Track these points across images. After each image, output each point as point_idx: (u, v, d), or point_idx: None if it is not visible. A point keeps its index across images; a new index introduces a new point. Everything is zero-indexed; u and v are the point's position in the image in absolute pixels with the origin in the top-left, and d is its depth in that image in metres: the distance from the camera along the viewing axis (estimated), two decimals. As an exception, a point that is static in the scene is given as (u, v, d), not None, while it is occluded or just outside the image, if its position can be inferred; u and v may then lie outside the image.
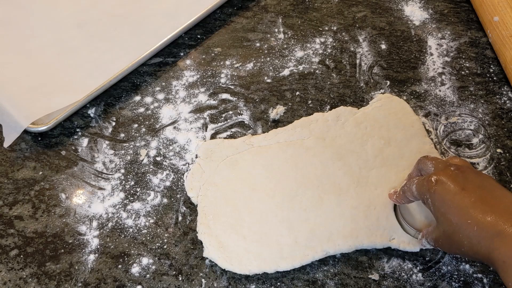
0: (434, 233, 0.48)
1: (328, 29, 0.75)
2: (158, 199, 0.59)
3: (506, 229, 0.40)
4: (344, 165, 0.58)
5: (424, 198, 0.47)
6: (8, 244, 0.56)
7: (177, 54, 0.72)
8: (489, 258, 0.41)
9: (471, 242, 0.42)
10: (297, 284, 0.53)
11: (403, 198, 0.51)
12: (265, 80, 0.69)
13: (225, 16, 0.77)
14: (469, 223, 0.42)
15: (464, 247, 0.43)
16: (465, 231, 0.43)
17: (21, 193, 0.59)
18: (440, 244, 0.47)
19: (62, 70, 0.68)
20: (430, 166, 0.49)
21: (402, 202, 0.53)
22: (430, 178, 0.46)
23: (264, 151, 0.60)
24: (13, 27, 0.73)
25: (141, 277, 0.53)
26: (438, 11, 0.77)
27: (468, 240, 0.43)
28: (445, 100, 0.66)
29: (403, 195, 0.51)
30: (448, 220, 0.44)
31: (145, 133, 0.64)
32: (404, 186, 0.51)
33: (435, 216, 0.47)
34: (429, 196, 0.46)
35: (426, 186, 0.46)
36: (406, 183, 0.51)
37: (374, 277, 0.53)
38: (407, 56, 0.71)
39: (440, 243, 0.47)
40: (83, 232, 0.56)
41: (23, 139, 0.64)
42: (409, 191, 0.49)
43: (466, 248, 0.43)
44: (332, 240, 0.53)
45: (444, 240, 0.46)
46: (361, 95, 0.67)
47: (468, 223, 0.42)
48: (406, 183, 0.51)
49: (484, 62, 0.70)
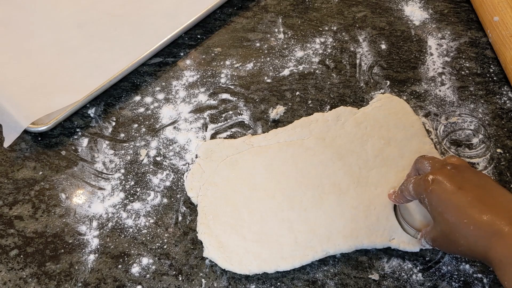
0: (431, 233, 0.48)
1: (328, 29, 0.75)
2: (158, 199, 0.59)
3: (503, 228, 0.40)
4: (344, 165, 0.58)
5: (421, 197, 0.47)
6: (8, 244, 0.56)
7: (177, 54, 0.72)
8: (486, 257, 0.41)
9: (468, 242, 0.42)
10: (297, 284, 0.53)
11: (401, 197, 0.52)
12: (265, 80, 0.69)
13: (225, 16, 0.77)
14: (466, 223, 0.42)
15: (461, 246, 0.43)
16: (462, 231, 0.43)
17: (21, 193, 0.59)
18: (438, 243, 0.47)
19: (62, 70, 0.68)
20: (427, 165, 0.49)
21: (401, 202, 0.53)
22: (426, 178, 0.46)
23: (264, 151, 0.60)
24: (13, 27, 0.73)
25: (141, 277, 0.53)
26: (438, 11, 0.77)
27: (465, 239, 0.43)
28: (445, 100, 0.66)
29: (401, 195, 0.51)
30: (445, 220, 0.44)
31: (145, 133, 0.64)
32: (402, 186, 0.51)
33: (432, 216, 0.47)
34: (426, 195, 0.46)
35: (423, 185, 0.46)
36: (404, 183, 0.51)
37: (374, 277, 0.53)
38: (407, 56, 0.71)
39: (437, 243, 0.47)
40: (83, 232, 0.56)
41: (23, 139, 0.64)
42: (407, 191, 0.50)
43: (463, 248, 0.43)
44: (332, 240, 0.53)
45: (441, 240, 0.46)
46: (361, 95, 0.67)
47: (464, 222, 0.42)
48: (403, 183, 0.51)
49: (484, 62, 0.70)
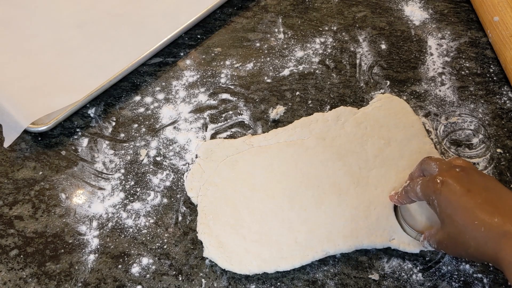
0: (437, 235, 0.48)
1: (328, 29, 0.75)
2: (158, 199, 0.59)
3: None
4: (344, 165, 0.58)
5: (430, 199, 0.47)
6: (8, 244, 0.56)
7: (177, 54, 0.72)
8: (496, 259, 0.41)
9: (478, 243, 0.42)
10: (297, 284, 0.53)
11: (405, 198, 0.51)
12: (265, 80, 0.69)
13: (225, 16, 0.77)
14: (476, 224, 0.42)
15: (470, 248, 0.43)
16: (472, 232, 0.43)
17: (21, 193, 0.59)
18: (444, 246, 0.47)
19: (62, 70, 0.68)
20: (434, 167, 0.49)
21: (404, 203, 0.53)
22: (435, 179, 0.46)
23: (264, 151, 0.60)
24: (13, 27, 0.73)
25: (141, 277, 0.53)
26: (438, 11, 0.77)
27: (475, 241, 0.43)
28: (445, 100, 0.66)
29: (405, 196, 0.51)
30: (454, 222, 0.44)
31: (145, 133, 0.64)
32: (407, 187, 0.51)
33: (440, 218, 0.46)
34: (435, 197, 0.46)
35: (432, 187, 0.46)
36: (409, 184, 0.50)
37: (374, 277, 0.53)
38: (407, 56, 0.71)
39: (444, 245, 0.47)
40: (83, 232, 0.56)
41: (23, 139, 0.64)
42: (413, 192, 0.49)
43: (472, 250, 0.43)
44: (332, 240, 0.53)
45: (448, 242, 0.46)
46: (361, 95, 0.67)
47: (475, 224, 0.42)
48: (409, 184, 0.51)
49: (484, 62, 0.70)
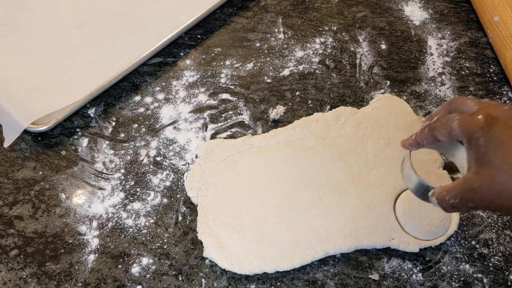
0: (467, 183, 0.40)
1: (328, 29, 0.75)
2: (158, 199, 0.59)
3: None
4: (344, 165, 0.58)
5: (473, 137, 0.40)
6: (8, 244, 0.56)
7: (177, 54, 0.72)
8: None
9: None
10: (297, 284, 0.53)
11: (428, 137, 0.44)
12: (265, 80, 0.69)
13: (225, 16, 0.77)
14: None
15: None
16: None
17: (21, 193, 0.59)
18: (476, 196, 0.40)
19: (62, 70, 0.68)
20: (472, 104, 0.42)
21: (423, 143, 0.45)
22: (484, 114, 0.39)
23: (264, 151, 0.60)
24: (13, 27, 0.73)
25: (141, 277, 0.53)
26: (438, 11, 0.77)
27: None
28: (445, 100, 0.66)
29: (429, 134, 0.43)
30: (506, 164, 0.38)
31: (145, 133, 0.64)
32: (435, 122, 0.42)
33: (479, 160, 0.40)
34: (482, 134, 0.39)
35: (478, 122, 0.39)
36: (439, 119, 0.42)
37: (374, 277, 0.53)
38: (407, 56, 0.71)
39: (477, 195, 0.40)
40: (83, 232, 0.56)
41: (23, 139, 0.64)
42: (445, 128, 0.41)
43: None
44: (332, 240, 0.53)
45: (487, 190, 0.39)
46: (361, 95, 0.67)
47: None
48: (438, 119, 0.43)
49: (484, 62, 0.70)
